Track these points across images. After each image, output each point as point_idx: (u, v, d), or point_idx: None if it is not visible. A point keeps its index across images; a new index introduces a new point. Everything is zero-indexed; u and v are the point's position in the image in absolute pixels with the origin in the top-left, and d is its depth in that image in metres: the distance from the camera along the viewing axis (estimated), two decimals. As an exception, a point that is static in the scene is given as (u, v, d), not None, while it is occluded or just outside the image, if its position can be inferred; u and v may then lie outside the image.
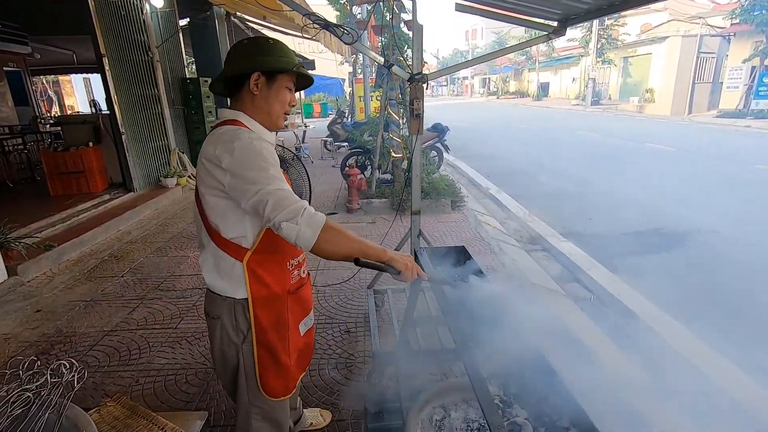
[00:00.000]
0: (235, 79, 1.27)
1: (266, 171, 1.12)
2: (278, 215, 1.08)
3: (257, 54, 1.25)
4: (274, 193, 1.09)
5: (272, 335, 1.32)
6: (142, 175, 6.19)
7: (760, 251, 4.30)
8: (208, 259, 1.30)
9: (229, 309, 1.29)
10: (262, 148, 1.17)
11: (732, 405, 2.27)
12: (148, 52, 6.38)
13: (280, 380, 1.37)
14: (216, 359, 1.38)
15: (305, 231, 1.08)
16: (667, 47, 20.16)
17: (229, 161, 1.12)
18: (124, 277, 3.75)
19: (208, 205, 1.22)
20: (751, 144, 11.00)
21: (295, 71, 1.29)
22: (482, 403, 1.08)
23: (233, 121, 1.25)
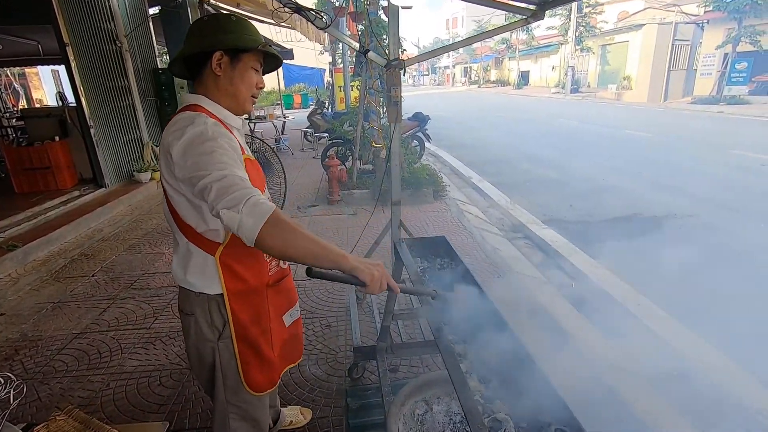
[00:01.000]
0: (196, 59, 1.17)
1: (214, 156, 1.01)
2: (220, 202, 0.96)
3: (218, 31, 1.16)
4: (219, 179, 0.98)
5: (253, 329, 1.26)
6: (113, 170, 5.96)
7: (734, 234, 4.39)
8: (180, 255, 1.23)
9: (203, 306, 1.23)
10: (218, 133, 1.07)
11: (709, 386, 2.30)
12: (116, 41, 6.10)
13: (264, 374, 1.32)
14: (191, 357, 1.31)
15: (246, 220, 0.94)
16: (644, 35, 20.44)
17: (176, 149, 1.04)
18: (95, 277, 3.60)
19: (173, 199, 1.15)
20: (724, 129, 11.26)
21: (260, 50, 1.19)
22: (462, 400, 1.03)
23: (194, 106, 1.16)
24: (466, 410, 0.98)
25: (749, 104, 15.20)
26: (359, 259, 1.02)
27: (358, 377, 2.30)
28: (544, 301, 3.18)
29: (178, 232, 1.21)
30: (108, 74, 5.93)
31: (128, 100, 6.41)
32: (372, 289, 1.01)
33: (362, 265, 1.00)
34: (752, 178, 6.41)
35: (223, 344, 1.26)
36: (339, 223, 4.78)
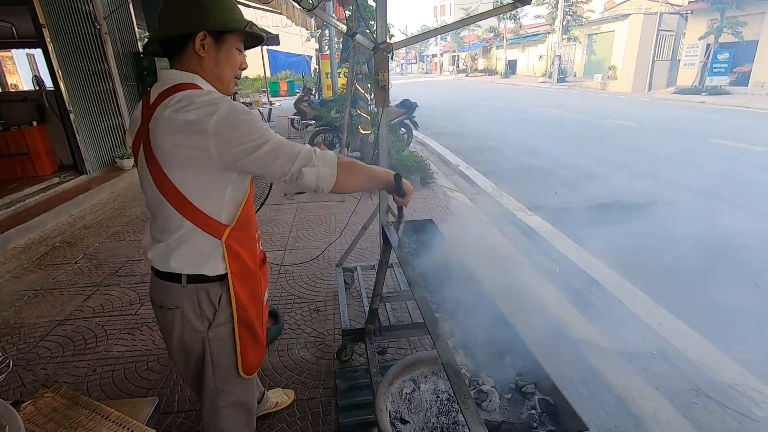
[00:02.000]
0: (175, 40, 1.12)
1: (258, 125, 1.07)
2: (294, 164, 1.07)
3: (201, 10, 1.09)
4: (281, 144, 1.08)
5: (251, 311, 1.26)
6: (94, 156, 5.83)
7: (714, 221, 4.51)
8: (176, 244, 1.15)
9: (191, 296, 1.18)
10: (245, 109, 1.08)
11: (686, 363, 2.39)
12: (94, 23, 5.91)
13: (256, 355, 1.33)
14: (174, 352, 1.26)
15: (324, 170, 1.10)
16: (629, 25, 20.60)
17: (216, 122, 1.00)
18: (78, 264, 3.54)
19: (186, 184, 1.08)
20: (705, 119, 11.48)
21: (246, 31, 1.16)
22: (448, 372, 1.06)
23: (192, 84, 1.09)
24: (451, 379, 1.00)
25: (730, 95, 15.51)
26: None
27: (347, 359, 2.32)
28: (529, 284, 3.24)
29: (176, 216, 1.12)
30: (87, 58, 5.76)
31: (108, 85, 6.25)
32: (407, 199, 1.38)
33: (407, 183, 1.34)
34: (731, 166, 6.58)
35: (213, 333, 1.23)
36: (327, 210, 4.77)
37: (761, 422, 2.00)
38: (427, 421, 1.63)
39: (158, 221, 1.18)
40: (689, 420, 2.00)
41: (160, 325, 1.29)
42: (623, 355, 2.45)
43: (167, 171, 1.08)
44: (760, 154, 7.28)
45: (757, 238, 3.97)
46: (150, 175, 1.12)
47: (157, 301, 1.24)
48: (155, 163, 1.09)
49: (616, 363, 2.38)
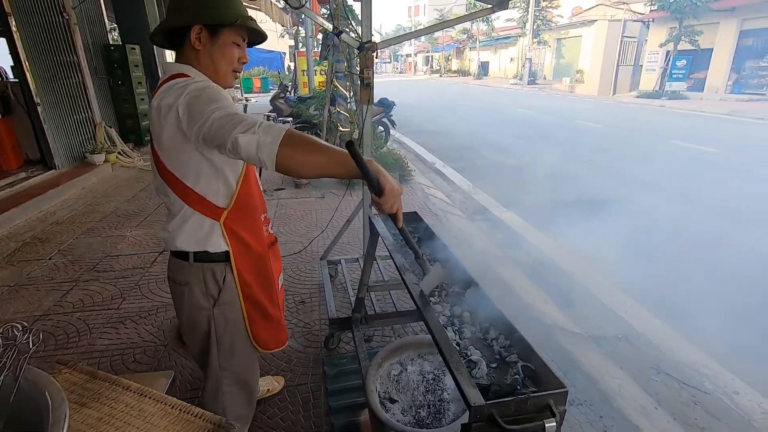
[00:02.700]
0: (177, 32, 1.18)
1: (220, 100, 1.03)
2: (235, 129, 0.94)
3: (199, 4, 1.15)
4: (230, 113, 0.98)
5: (258, 290, 1.32)
6: (63, 150, 5.64)
7: (672, 216, 4.83)
8: (176, 223, 1.22)
9: (198, 274, 1.26)
10: (217, 88, 1.12)
11: (649, 345, 2.60)
12: (62, 13, 5.71)
13: (271, 332, 1.40)
14: (184, 326, 1.34)
15: (264, 139, 0.92)
16: (595, 30, 21.44)
17: (183, 100, 1.04)
18: (53, 260, 3.46)
19: (180, 167, 1.15)
20: (666, 121, 12.13)
21: (239, 25, 1.17)
22: (441, 344, 1.16)
23: (182, 74, 1.16)
24: (443, 349, 1.11)
25: (687, 99, 16.40)
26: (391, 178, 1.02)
27: (334, 347, 2.41)
28: (505, 276, 3.41)
29: (177, 201, 1.20)
30: (55, 49, 5.56)
31: (78, 77, 6.05)
32: (386, 199, 1.00)
33: (389, 176, 1.00)
34: (688, 165, 7.02)
35: (218, 311, 1.30)
36: (307, 206, 4.82)
37: (712, 394, 2.21)
38: (415, 399, 1.74)
39: (166, 205, 1.27)
40: (650, 395, 2.19)
41: (173, 299, 1.36)
42: (592, 338, 2.64)
43: (162, 156, 1.16)
44: (713, 155, 7.79)
45: (706, 229, 4.30)
46: (154, 161, 1.20)
47: (171, 276, 1.33)
48: (155, 149, 1.18)
49: (585, 346, 2.57)
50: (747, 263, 3.69)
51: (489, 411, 0.93)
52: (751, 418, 2.06)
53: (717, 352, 2.53)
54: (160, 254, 3.54)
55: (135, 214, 4.50)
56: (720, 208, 5.02)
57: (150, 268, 3.29)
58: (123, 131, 7.06)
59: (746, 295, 3.15)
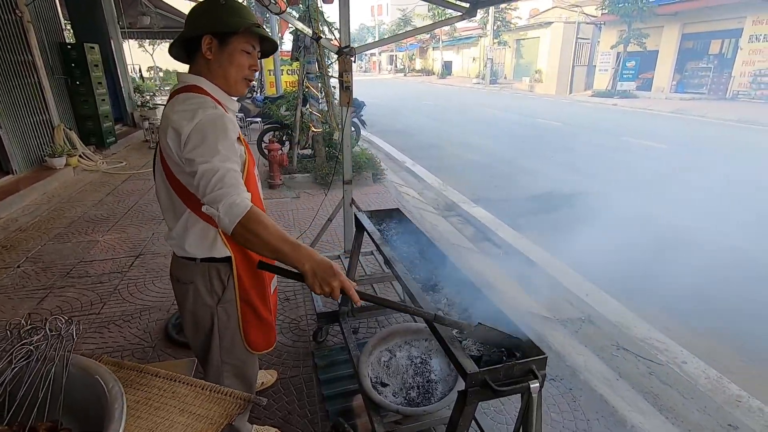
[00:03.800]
0: (190, 44, 1.24)
1: (216, 145, 1.10)
2: (205, 196, 1.07)
3: (208, 15, 1.20)
4: (214, 172, 1.07)
5: (253, 293, 1.39)
6: (21, 154, 5.38)
7: (622, 206, 5.22)
8: (180, 228, 1.29)
9: (203, 273, 1.32)
10: (225, 123, 1.15)
11: (610, 325, 2.86)
12: (15, 10, 5.45)
13: (263, 334, 1.47)
14: (186, 323, 1.41)
15: (223, 219, 1.04)
16: (552, 32, 22.36)
17: (187, 129, 1.10)
18: (21, 267, 3.35)
19: (180, 173, 1.20)
20: (618, 119, 12.89)
21: (246, 31, 1.21)
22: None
23: (196, 87, 1.22)
24: (447, 341, 1.25)
25: (637, 98, 17.45)
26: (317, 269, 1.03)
27: (322, 340, 2.51)
28: (476, 267, 3.61)
29: (180, 205, 1.26)
30: (7, 48, 5.30)
31: (34, 78, 5.78)
32: (313, 289, 1.04)
33: (311, 275, 1.03)
34: (636, 160, 7.55)
35: (222, 308, 1.38)
36: (282, 206, 4.86)
37: (665, 365, 2.48)
38: (405, 382, 1.88)
39: (166, 209, 1.32)
40: (612, 368, 2.43)
41: (176, 297, 1.42)
42: (559, 321, 2.88)
43: (169, 162, 1.22)
44: (662, 150, 8.40)
45: (659, 220, 4.70)
46: (161, 164, 1.26)
47: (175, 274, 1.39)
48: (161, 153, 1.24)
49: (554, 327, 2.80)
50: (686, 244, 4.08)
51: (482, 377, 1.09)
52: (697, 383, 2.34)
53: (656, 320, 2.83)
54: (136, 258, 3.50)
55: (104, 218, 4.39)
56: (671, 198, 5.47)
57: (128, 272, 3.26)
58: (83, 133, 6.79)
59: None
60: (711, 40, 16.62)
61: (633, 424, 1.99)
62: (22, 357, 0.83)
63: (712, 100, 15.63)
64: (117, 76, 8.81)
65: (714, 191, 5.73)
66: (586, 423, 1.99)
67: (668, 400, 2.20)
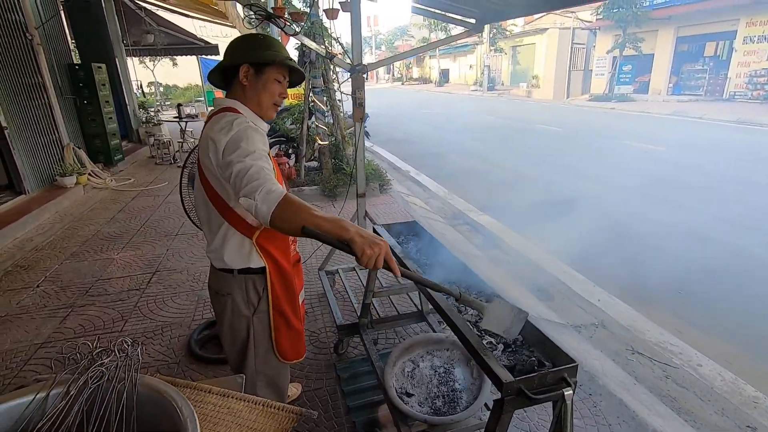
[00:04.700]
0: (229, 71, 1.38)
1: (249, 148, 1.19)
2: (241, 189, 1.12)
3: (247, 48, 1.36)
4: (248, 168, 1.13)
5: (284, 302, 1.47)
6: (32, 174, 5.46)
7: (629, 210, 5.29)
8: (218, 241, 1.38)
9: (240, 285, 1.42)
10: (255, 133, 1.27)
11: (622, 329, 2.90)
12: (26, 33, 5.57)
13: (293, 344, 1.54)
14: (224, 333, 1.48)
15: (261, 207, 1.07)
16: (547, 38, 22.61)
17: (224, 141, 1.22)
18: (41, 287, 3.40)
19: (224, 187, 1.30)
20: (616, 123, 13.00)
21: (279, 63, 1.37)
22: (466, 335, 1.36)
23: (232, 109, 1.34)
24: (470, 339, 1.30)
25: (634, 101, 17.60)
26: (362, 232, 1.04)
27: (343, 352, 2.55)
28: (486, 274, 3.66)
29: (219, 218, 1.36)
30: (19, 70, 5.40)
31: (44, 98, 5.88)
32: (363, 262, 1.02)
33: (359, 239, 1.02)
34: (637, 163, 7.62)
35: (257, 318, 1.47)
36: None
37: (680, 368, 2.52)
38: (429, 391, 1.92)
39: (206, 223, 1.42)
40: (628, 373, 2.48)
41: (214, 309, 1.52)
42: (573, 326, 2.92)
43: (209, 178, 1.33)
44: (660, 153, 8.48)
45: (655, 224, 4.75)
46: (201, 181, 1.38)
47: (214, 287, 1.48)
48: (201, 171, 1.36)
49: (568, 333, 2.84)
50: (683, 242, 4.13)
51: (517, 386, 1.14)
52: (713, 385, 2.38)
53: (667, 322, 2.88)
54: (153, 275, 3.56)
55: (118, 236, 4.45)
56: (676, 203, 5.53)
57: (147, 289, 3.32)
58: (91, 151, 6.88)
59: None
60: (706, 43, 16.82)
61: (654, 428, 2.03)
62: (95, 378, 0.88)
63: (709, 101, 15.77)
64: (122, 94, 8.93)
65: (718, 192, 5.81)
66: (609, 428, 2.03)
67: (686, 403, 2.24)
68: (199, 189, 1.39)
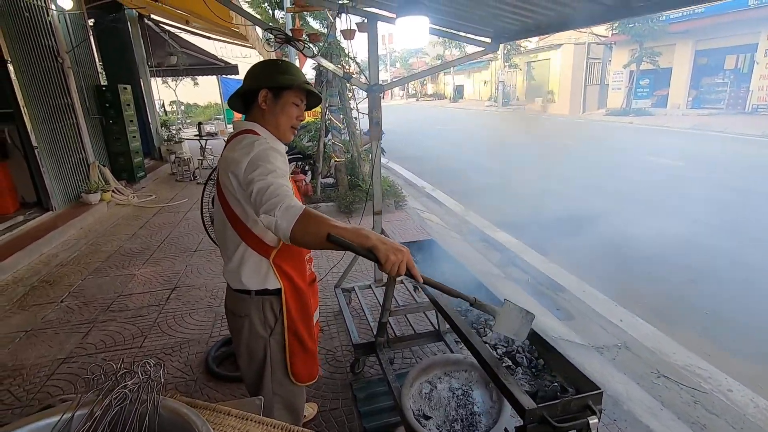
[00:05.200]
0: (249, 95, 1.42)
1: (270, 167, 1.21)
2: (261, 207, 1.12)
3: (266, 73, 1.41)
4: (267, 186, 1.14)
5: (299, 324, 1.47)
6: (59, 192, 5.65)
7: (653, 228, 5.16)
8: (235, 262, 1.40)
9: (258, 306, 1.42)
10: (275, 153, 1.29)
11: (645, 350, 2.81)
12: (57, 57, 5.84)
13: (307, 365, 1.53)
14: (241, 355, 1.48)
15: (281, 223, 1.07)
16: (562, 54, 22.60)
17: (246, 162, 1.24)
18: (65, 302, 3.48)
19: (238, 208, 1.33)
20: (637, 138, 12.82)
21: (297, 87, 1.41)
22: (487, 360, 1.33)
23: (251, 131, 1.38)
24: (489, 362, 1.28)
25: (653, 115, 17.36)
26: (383, 239, 1.05)
27: (360, 371, 2.53)
28: (505, 293, 3.60)
29: (236, 239, 1.38)
30: (51, 92, 5.65)
31: (72, 119, 6.12)
32: (387, 269, 1.03)
33: (382, 246, 1.03)
34: (660, 179, 7.47)
35: (274, 339, 1.47)
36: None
37: (709, 394, 2.42)
38: (447, 414, 1.88)
39: (224, 243, 1.44)
40: (654, 397, 2.39)
41: (230, 330, 1.52)
42: (595, 348, 2.84)
43: (228, 198, 1.35)
44: (680, 168, 8.31)
45: (685, 240, 4.63)
46: (220, 202, 1.40)
47: (231, 308, 1.49)
48: (221, 191, 1.38)
49: (590, 355, 2.76)
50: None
51: (540, 413, 1.11)
52: (746, 412, 2.27)
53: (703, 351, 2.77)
54: (172, 291, 3.61)
55: (139, 252, 4.55)
56: (703, 221, 5.39)
57: (165, 306, 3.36)
58: (115, 169, 7.11)
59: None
60: (726, 56, 16.55)
61: (683, 457, 1.94)
62: (119, 400, 0.89)
63: (730, 114, 15.45)
64: (146, 113, 9.23)
65: (751, 208, 5.64)
66: (635, 456, 1.95)
67: (717, 431, 2.14)
68: (218, 210, 1.42)
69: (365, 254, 1.05)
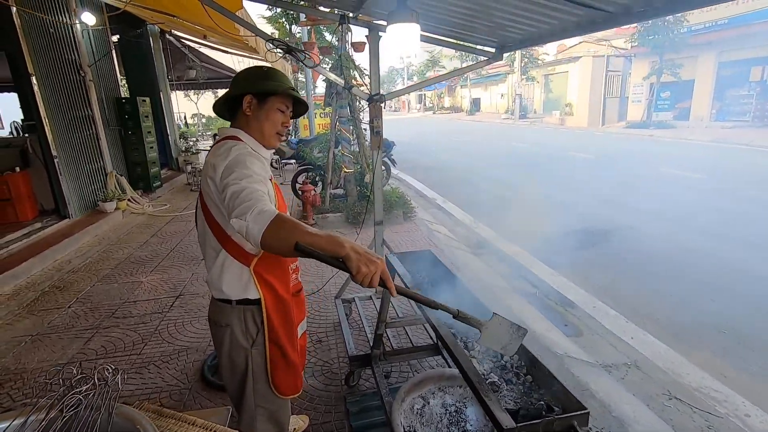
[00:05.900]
0: (233, 101, 1.41)
1: (244, 171, 1.18)
2: (234, 210, 1.08)
3: (250, 79, 1.40)
4: (241, 190, 1.12)
5: (282, 335, 1.43)
6: (77, 200, 5.81)
7: (670, 242, 4.98)
8: (216, 270, 1.37)
9: (239, 316, 1.39)
10: (253, 158, 1.28)
11: (656, 370, 2.67)
12: (79, 71, 6.07)
13: (289, 378, 1.48)
14: (223, 366, 1.45)
15: (252, 227, 1.03)
16: (581, 66, 22.41)
17: (223, 166, 1.23)
18: (72, 308, 3.54)
19: (218, 215, 1.32)
20: (657, 150, 12.52)
21: (282, 93, 1.40)
22: (469, 374, 1.27)
23: (234, 137, 1.37)
24: (472, 379, 1.22)
25: (674, 128, 16.97)
26: (357, 249, 1.01)
27: (354, 384, 2.47)
28: (512, 306, 3.50)
29: (217, 246, 1.36)
30: (72, 104, 5.86)
31: (92, 130, 6.32)
32: (358, 280, 0.99)
33: (354, 255, 0.99)
34: (680, 192, 7.24)
35: (256, 350, 1.42)
36: (315, 246, 4.94)
37: (725, 418, 2.27)
38: (440, 431, 1.81)
39: (205, 250, 1.42)
40: (664, 420, 2.25)
41: (213, 340, 1.48)
42: (603, 366, 2.72)
43: (209, 205, 1.34)
44: (697, 180, 8.04)
45: (709, 255, 4.43)
46: (201, 208, 1.38)
47: (213, 318, 1.45)
48: (202, 198, 1.37)
49: (597, 373, 2.64)
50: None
51: (519, 433, 1.04)
52: (764, 440, 2.12)
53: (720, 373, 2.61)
54: (176, 299, 3.63)
55: (148, 259, 4.62)
56: (725, 235, 5.18)
57: (168, 313, 3.38)
58: (132, 178, 7.29)
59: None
60: (751, 67, 16.10)
61: (692, 486, 1.81)
62: (72, 406, 0.88)
63: (757, 127, 14.96)
64: (164, 125, 9.48)
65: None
66: (639, 483, 1.83)
67: (731, 459, 2.00)
68: (200, 217, 1.40)
69: (337, 264, 1.00)
